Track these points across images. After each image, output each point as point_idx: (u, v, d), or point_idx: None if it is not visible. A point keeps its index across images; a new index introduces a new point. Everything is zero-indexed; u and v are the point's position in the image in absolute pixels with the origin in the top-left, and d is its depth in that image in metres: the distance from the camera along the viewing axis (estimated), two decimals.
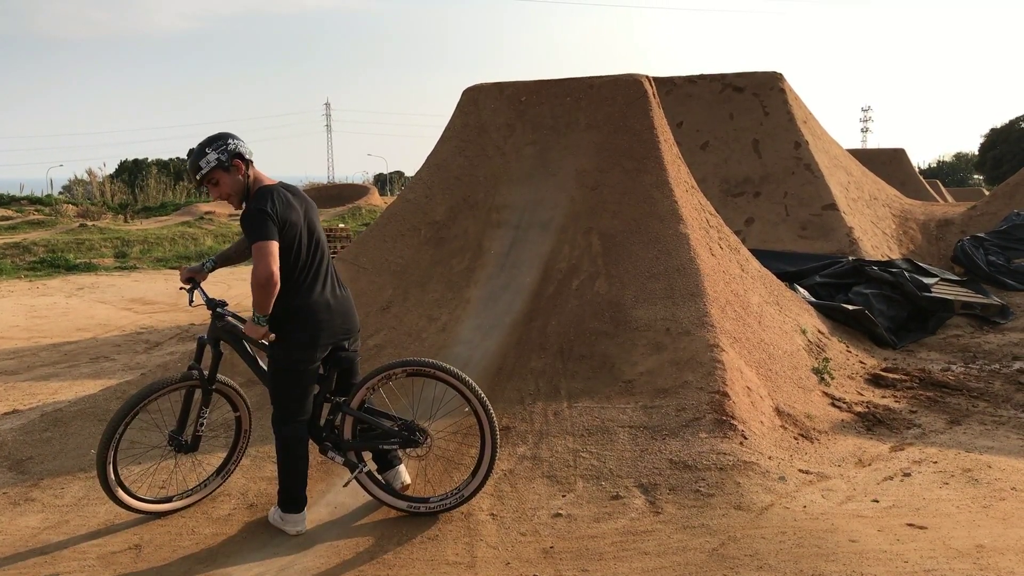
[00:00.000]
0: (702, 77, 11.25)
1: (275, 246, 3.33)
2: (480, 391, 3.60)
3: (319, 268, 3.59)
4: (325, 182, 46.61)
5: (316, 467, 4.21)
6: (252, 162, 3.59)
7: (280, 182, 3.65)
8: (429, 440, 3.70)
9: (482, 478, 3.63)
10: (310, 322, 3.52)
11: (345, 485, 3.83)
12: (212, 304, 3.79)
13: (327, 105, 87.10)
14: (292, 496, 3.64)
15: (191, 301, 3.80)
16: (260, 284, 3.29)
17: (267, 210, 3.36)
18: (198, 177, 3.55)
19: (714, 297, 5.33)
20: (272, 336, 3.53)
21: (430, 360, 3.66)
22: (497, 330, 5.33)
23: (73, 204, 28.85)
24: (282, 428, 3.60)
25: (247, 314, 3.67)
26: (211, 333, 3.81)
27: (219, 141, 3.54)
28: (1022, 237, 9.87)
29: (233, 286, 12.79)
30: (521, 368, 5.00)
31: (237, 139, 3.57)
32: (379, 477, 3.84)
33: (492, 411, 3.62)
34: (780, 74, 11.11)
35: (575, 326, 5.23)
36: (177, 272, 15.16)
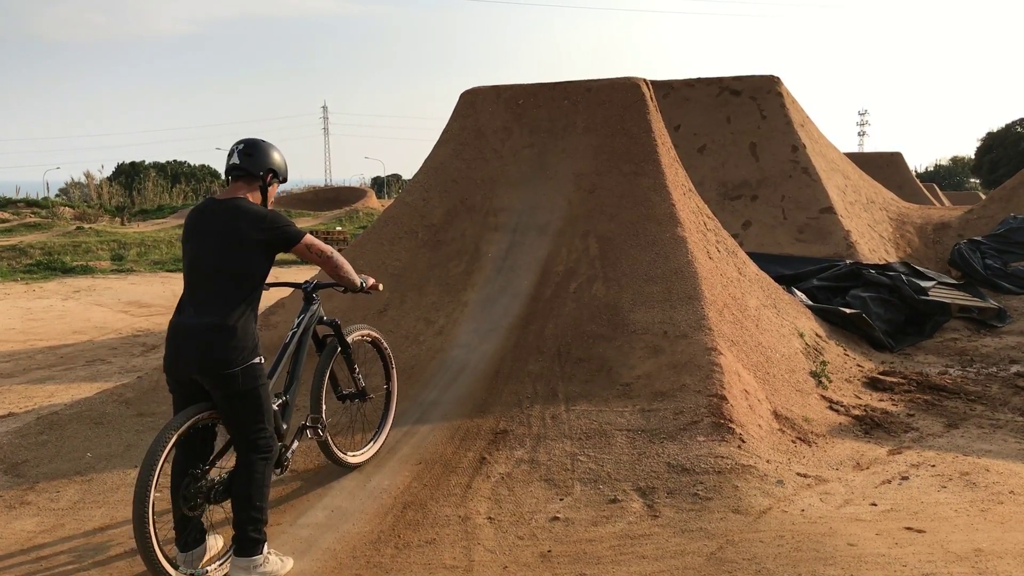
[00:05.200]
0: (699, 80, 11.26)
1: None
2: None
3: (186, 285, 3.33)
4: (322, 185, 46.64)
5: (316, 471, 4.21)
6: (230, 178, 3.45)
7: (210, 199, 3.45)
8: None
9: None
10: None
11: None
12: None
13: (324, 108, 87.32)
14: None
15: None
16: None
17: None
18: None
19: (711, 300, 5.33)
20: None
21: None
22: (494, 333, 5.33)
23: (70, 207, 28.82)
24: None
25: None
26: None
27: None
28: (1019, 240, 9.87)
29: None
30: (519, 371, 4.99)
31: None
32: None
33: None
34: (777, 78, 11.13)
35: (572, 329, 5.23)
36: (173, 275, 15.14)
